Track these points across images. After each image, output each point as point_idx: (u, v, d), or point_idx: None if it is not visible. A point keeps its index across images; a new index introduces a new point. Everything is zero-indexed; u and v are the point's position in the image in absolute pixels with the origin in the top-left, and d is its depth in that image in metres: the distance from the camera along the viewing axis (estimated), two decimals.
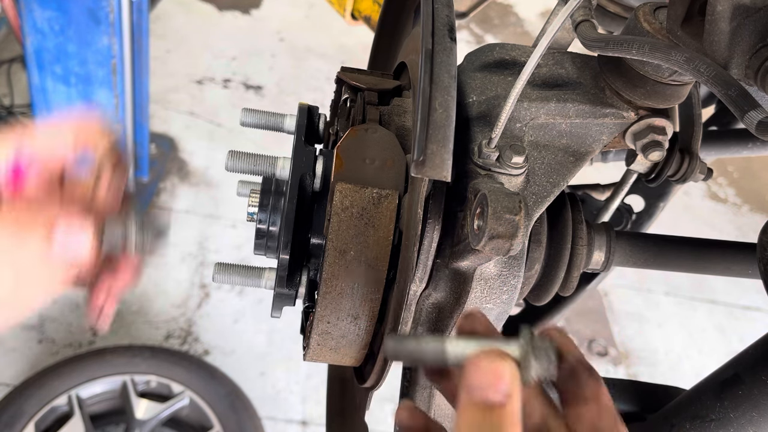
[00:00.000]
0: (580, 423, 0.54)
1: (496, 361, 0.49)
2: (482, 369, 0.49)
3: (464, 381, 0.50)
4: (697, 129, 0.89)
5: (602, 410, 0.54)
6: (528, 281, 0.84)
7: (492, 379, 0.49)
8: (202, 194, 3.63)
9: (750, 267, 0.94)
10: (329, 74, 4.53)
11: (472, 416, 0.48)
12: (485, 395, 0.48)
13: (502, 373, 0.49)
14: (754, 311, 3.90)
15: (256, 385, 2.90)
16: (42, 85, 2.75)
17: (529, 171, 0.74)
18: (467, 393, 0.49)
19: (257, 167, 0.81)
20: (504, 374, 0.49)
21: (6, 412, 2.40)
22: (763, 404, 0.72)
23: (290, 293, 0.77)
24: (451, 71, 0.64)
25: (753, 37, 0.62)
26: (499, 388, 0.48)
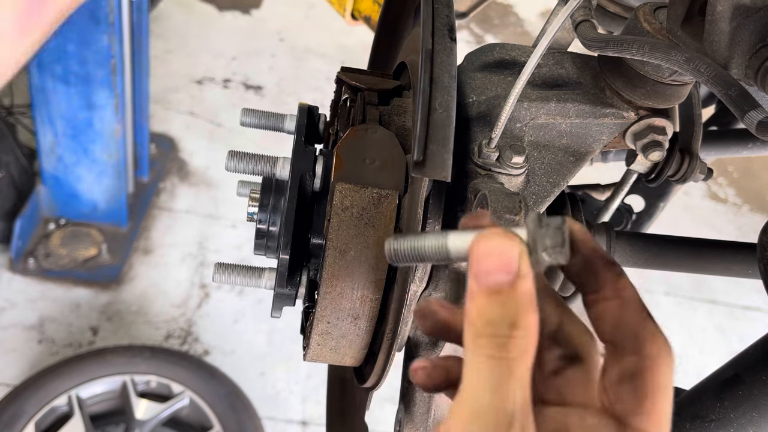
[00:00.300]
0: (602, 321, 0.49)
1: (502, 240, 0.44)
2: (487, 249, 0.44)
3: (470, 268, 0.45)
4: (697, 129, 0.89)
5: (626, 305, 0.48)
6: None
7: (499, 259, 0.44)
8: (202, 194, 3.63)
9: (750, 267, 0.94)
10: (329, 74, 4.53)
11: (482, 304, 0.44)
12: (493, 278, 0.43)
13: (509, 251, 0.44)
14: (754, 311, 3.90)
15: (256, 385, 2.91)
16: (42, 85, 2.75)
17: (529, 171, 0.74)
18: (474, 280, 0.44)
19: (257, 167, 0.81)
20: (511, 252, 0.44)
21: (6, 412, 2.40)
22: (763, 404, 0.72)
23: (290, 293, 0.77)
24: (451, 71, 0.64)
25: (753, 37, 0.62)
26: (508, 268, 0.43)
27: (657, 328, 0.48)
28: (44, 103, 2.82)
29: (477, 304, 0.44)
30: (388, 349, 0.71)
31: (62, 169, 3.07)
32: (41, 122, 2.89)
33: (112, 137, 2.97)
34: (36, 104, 2.83)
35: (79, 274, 3.11)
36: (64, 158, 3.03)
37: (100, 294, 3.08)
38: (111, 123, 2.91)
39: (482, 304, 0.44)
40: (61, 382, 2.51)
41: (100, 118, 2.89)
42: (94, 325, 2.97)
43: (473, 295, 0.45)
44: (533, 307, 0.44)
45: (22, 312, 2.94)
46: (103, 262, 3.18)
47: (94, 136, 2.96)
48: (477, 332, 0.43)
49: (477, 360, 0.43)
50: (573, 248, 0.48)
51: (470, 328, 0.44)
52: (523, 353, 0.43)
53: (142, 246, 3.31)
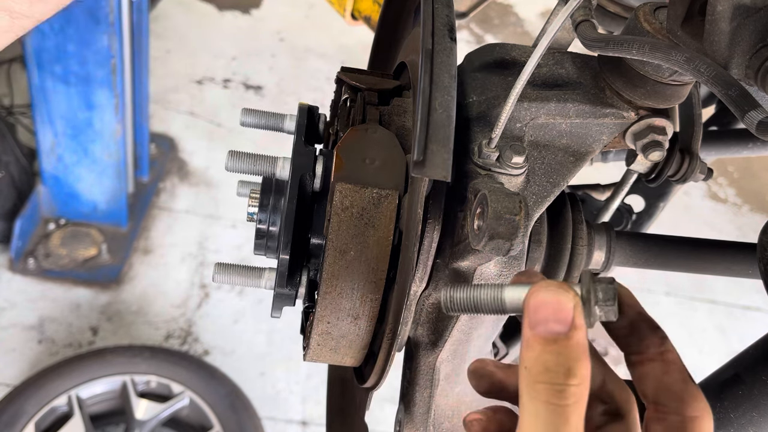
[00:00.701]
0: (646, 382, 0.51)
1: (558, 291, 0.47)
2: (543, 300, 0.47)
3: (526, 317, 0.47)
4: (697, 129, 0.89)
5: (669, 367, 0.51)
6: None
7: (554, 310, 0.46)
8: (202, 194, 3.63)
9: (750, 267, 0.94)
10: (329, 74, 4.53)
11: (538, 352, 0.46)
12: (549, 327, 0.46)
13: (566, 302, 0.46)
14: (754, 311, 3.90)
15: (256, 385, 2.91)
16: (42, 85, 2.75)
17: (529, 171, 0.74)
18: (530, 328, 0.47)
19: (257, 167, 0.81)
20: (567, 304, 0.46)
21: (6, 412, 2.40)
22: (763, 404, 0.72)
23: (290, 293, 0.77)
24: (451, 71, 0.64)
25: (753, 37, 0.62)
26: (563, 318, 0.46)
27: (698, 390, 0.51)
28: (44, 103, 2.82)
29: (533, 352, 0.46)
30: (388, 349, 0.71)
31: (62, 169, 3.07)
32: (41, 122, 2.89)
33: (112, 137, 2.97)
34: (36, 104, 2.83)
35: (79, 274, 3.11)
36: (64, 158, 3.03)
37: (100, 294, 3.08)
38: (111, 123, 2.91)
39: (538, 352, 0.46)
40: (61, 382, 2.51)
41: (100, 118, 2.89)
42: (94, 325, 2.97)
43: (529, 343, 0.47)
44: (587, 357, 0.46)
45: (22, 312, 2.94)
46: (103, 262, 3.18)
47: (94, 136, 2.96)
48: (534, 379, 0.46)
49: (534, 405, 0.45)
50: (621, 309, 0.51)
51: (527, 375, 0.46)
52: (578, 401, 0.45)
53: (142, 246, 3.31)
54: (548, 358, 0.46)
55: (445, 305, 0.53)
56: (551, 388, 0.45)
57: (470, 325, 0.73)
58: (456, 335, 0.74)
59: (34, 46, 2.63)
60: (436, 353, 0.75)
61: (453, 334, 0.73)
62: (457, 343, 0.75)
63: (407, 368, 0.80)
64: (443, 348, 0.75)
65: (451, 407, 0.78)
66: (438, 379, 0.76)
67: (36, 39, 2.60)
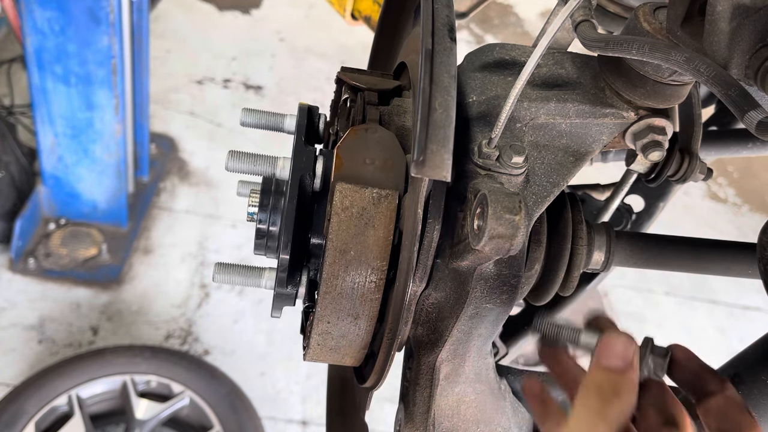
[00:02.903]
0: (709, 415, 0.64)
1: (626, 339, 0.63)
2: (614, 341, 0.63)
3: (597, 351, 0.64)
4: (697, 129, 0.89)
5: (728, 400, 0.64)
6: (528, 281, 0.84)
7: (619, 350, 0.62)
8: (202, 194, 3.63)
9: (750, 267, 0.94)
10: (329, 74, 4.54)
11: (599, 376, 0.62)
12: (612, 361, 0.62)
13: (630, 347, 0.63)
14: (754, 311, 3.90)
15: (256, 385, 2.91)
16: (42, 85, 2.75)
17: (529, 171, 0.74)
18: (598, 358, 0.63)
19: (257, 167, 0.81)
20: (631, 348, 0.63)
21: (6, 412, 2.40)
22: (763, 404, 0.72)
23: (290, 293, 0.77)
24: (451, 71, 0.64)
25: (753, 37, 0.62)
26: (624, 357, 0.62)
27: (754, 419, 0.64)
28: (44, 103, 2.82)
29: (594, 377, 0.63)
30: (388, 349, 0.71)
31: (62, 169, 3.07)
32: (41, 122, 2.89)
33: (112, 137, 2.97)
34: (36, 104, 2.83)
35: (80, 274, 3.11)
36: (64, 158, 3.03)
37: (100, 294, 3.08)
38: (111, 123, 2.91)
39: (600, 377, 0.62)
40: (62, 382, 2.51)
41: (100, 118, 2.89)
42: (95, 325, 2.97)
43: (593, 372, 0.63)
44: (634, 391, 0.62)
45: (22, 312, 2.94)
46: (103, 262, 3.18)
47: (95, 136, 2.96)
48: (589, 392, 0.62)
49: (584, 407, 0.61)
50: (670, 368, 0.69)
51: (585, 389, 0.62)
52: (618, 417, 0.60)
53: (142, 246, 3.31)
54: (605, 382, 0.61)
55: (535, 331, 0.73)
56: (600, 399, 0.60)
57: (470, 325, 0.73)
58: (456, 335, 0.74)
59: (35, 46, 2.63)
60: (436, 353, 0.75)
61: (453, 334, 0.73)
62: (457, 343, 0.75)
63: (407, 368, 0.80)
64: (443, 348, 0.75)
65: (451, 407, 0.78)
66: (438, 379, 0.76)
67: (36, 39, 2.60)
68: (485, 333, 0.75)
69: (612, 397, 0.60)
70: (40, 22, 2.55)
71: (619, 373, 0.62)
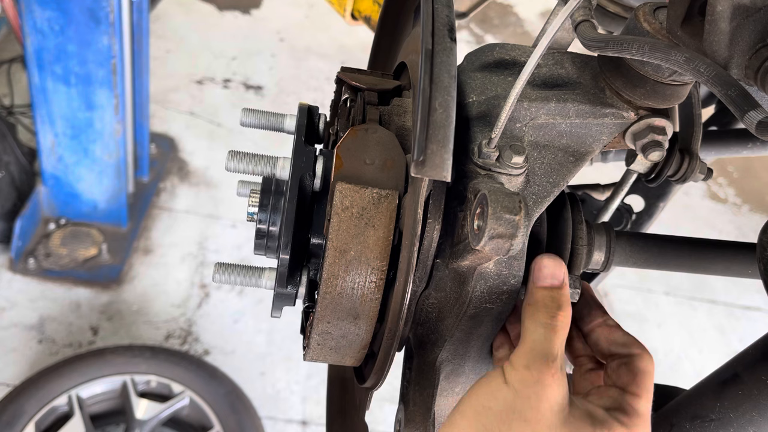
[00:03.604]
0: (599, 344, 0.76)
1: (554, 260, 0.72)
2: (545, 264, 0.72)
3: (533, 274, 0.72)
4: (697, 129, 0.89)
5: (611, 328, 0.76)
6: None
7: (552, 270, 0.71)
8: (202, 194, 3.63)
9: (750, 267, 0.94)
10: (329, 74, 4.54)
11: (539, 295, 0.70)
12: (548, 281, 0.71)
13: (558, 266, 0.72)
14: (754, 311, 3.90)
15: (256, 385, 2.91)
16: (42, 85, 2.75)
17: (529, 171, 0.74)
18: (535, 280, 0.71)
19: (257, 167, 0.81)
20: (561, 269, 0.72)
21: (6, 412, 2.40)
22: (763, 404, 0.72)
23: (290, 293, 0.77)
24: (451, 71, 0.64)
25: (753, 37, 0.62)
26: (558, 276, 0.71)
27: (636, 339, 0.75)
28: (44, 103, 2.82)
29: (537, 294, 0.70)
30: (388, 349, 0.71)
31: (62, 169, 3.07)
32: (41, 122, 2.89)
33: (112, 137, 2.97)
34: (36, 104, 2.83)
35: (80, 274, 3.11)
36: (64, 158, 3.03)
37: (100, 294, 3.08)
38: (111, 123, 2.91)
39: (540, 295, 0.70)
40: (62, 382, 2.51)
41: (100, 118, 2.89)
42: (95, 324, 2.97)
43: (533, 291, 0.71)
44: (569, 303, 0.71)
45: (22, 312, 2.94)
46: (103, 262, 3.18)
47: (95, 136, 2.96)
48: (535, 309, 0.69)
49: (534, 325, 0.68)
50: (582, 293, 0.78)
51: (530, 308, 0.70)
52: (563, 327, 0.68)
53: (142, 246, 3.31)
54: (546, 299, 0.70)
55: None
56: (547, 314, 0.68)
57: (470, 325, 0.73)
58: (456, 335, 0.74)
59: (35, 46, 2.63)
60: (436, 353, 0.75)
61: (453, 334, 0.73)
62: (457, 343, 0.75)
63: (407, 368, 0.80)
64: (443, 348, 0.75)
65: (451, 407, 0.78)
66: (438, 379, 0.76)
67: (36, 39, 2.60)
68: (485, 333, 0.75)
69: (556, 310, 0.69)
70: (40, 22, 2.55)
71: (556, 289, 0.70)
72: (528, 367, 0.66)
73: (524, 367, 0.66)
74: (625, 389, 0.71)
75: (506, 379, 0.66)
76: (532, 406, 0.64)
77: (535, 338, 0.67)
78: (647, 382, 0.71)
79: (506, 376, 0.67)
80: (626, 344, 0.74)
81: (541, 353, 0.66)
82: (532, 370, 0.65)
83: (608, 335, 0.76)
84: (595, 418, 0.67)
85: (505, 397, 0.66)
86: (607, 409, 0.69)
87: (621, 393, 0.71)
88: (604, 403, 0.70)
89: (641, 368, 0.72)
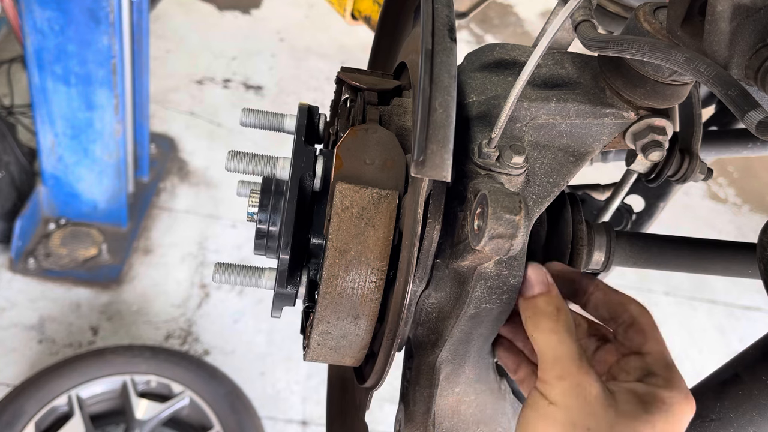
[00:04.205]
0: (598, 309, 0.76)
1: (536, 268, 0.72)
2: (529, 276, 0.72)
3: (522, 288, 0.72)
4: (697, 129, 0.89)
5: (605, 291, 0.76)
6: None
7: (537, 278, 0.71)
8: (202, 194, 3.63)
9: (750, 267, 0.94)
10: (329, 74, 4.54)
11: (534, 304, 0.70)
12: (537, 289, 0.71)
13: (541, 272, 0.72)
14: (754, 311, 3.90)
15: (256, 385, 2.91)
16: (42, 85, 2.75)
17: (529, 171, 0.74)
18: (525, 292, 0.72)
19: (257, 167, 0.81)
20: (542, 273, 0.72)
21: (6, 412, 2.40)
22: (763, 404, 0.72)
23: (290, 293, 0.77)
24: (451, 71, 0.64)
25: (753, 37, 0.62)
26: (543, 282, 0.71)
27: (631, 298, 0.76)
28: (44, 103, 2.82)
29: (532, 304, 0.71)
30: (388, 349, 0.71)
31: (62, 169, 3.07)
32: (41, 122, 2.89)
33: (112, 137, 2.97)
34: (36, 104, 2.83)
35: (80, 274, 3.11)
36: (64, 158, 3.03)
37: (100, 294, 3.08)
38: (111, 123, 2.91)
39: (535, 304, 0.71)
40: (62, 382, 2.51)
41: (100, 118, 2.89)
42: (95, 324, 2.97)
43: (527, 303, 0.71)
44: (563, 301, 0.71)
45: (22, 312, 2.94)
46: (103, 262, 3.18)
47: (95, 136, 2.96)
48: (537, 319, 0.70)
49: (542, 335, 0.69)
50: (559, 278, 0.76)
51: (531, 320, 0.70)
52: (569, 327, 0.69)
53: (142, 246, 3.31)
54: (542, 306, 0.70)
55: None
56: (549, 319, 0.69)
57: (470, 325, 0.73)
58: (456, 335, 0.74)
59: (35, 46, 2.63)
60: (436, 353, 0.75)
61: (453, 334, 0.73)
62: (457, 343, 0.75)
63: (407, 368, 0.80)
64: (443, 348, 0.75)
65: (451, 407, 0.78)
66: (438, 379, 0.76)
67: (36, 39, 2.60)
68: (485, 333, 0.75)
69: (556, 312, 0.69)
70: (40, 22, 2.55)
71: (547, 294, 0.71)
72: (562, 378, 0.66)
73: (558, 378, 0.66)
74: (641, 350, 0.71)
75: (549, 400, 0.66)
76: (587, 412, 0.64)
77: (551, 347, 0.68)
78: (657, 333, 0.72)
79: (547, 396, 0.66)
80: (622, 303, 0.75)
81: (566, 355, 0.67)
82: (566, 378, 0.65)
83: (604, 298, 0.76)
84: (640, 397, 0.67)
85: (556, 416, 0.65)
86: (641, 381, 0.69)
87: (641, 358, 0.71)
88: (635, 376, 0.70)
89: (645, 323, 0.73)
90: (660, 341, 0.72)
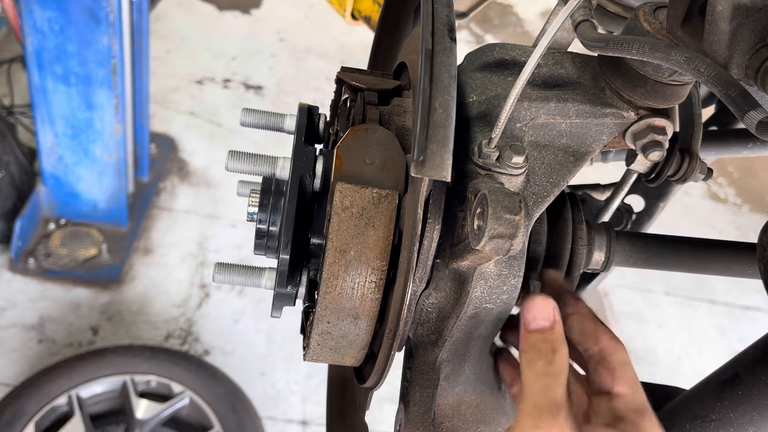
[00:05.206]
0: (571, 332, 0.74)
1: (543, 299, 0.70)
2: (534, 305, 0.69)
3: (523, 318, 0.70)
4: (697, 129, 0.89)
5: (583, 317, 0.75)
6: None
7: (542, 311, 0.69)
8: (202, 194, 3.63)
9: (750, 267, 0.94)
10: (329, 74, 4.54)
11: (533, 340, 0.68)
12: (539, 323, 0.69)
13: (548, 305, 0.69)
14: (754, 311, 3.90)
15: (256, 385, 2.91)
16: (42, 85, 2.75)
17: (529, 171, 0.74)
18: (526, 324, 0.69)
19: (257, 167, 0.81)
20: (549, 306, 0.69)
21: (6, 412, 2.40)
22: (763, 404, 0.72)
23: (290, 293, 0.77)
24: (451, 71, 0.64)
25: (753, 37, 0.62)
26: (547, 317, 0.69)
27: (606, 328, 0.74)
28: (44, 103, 2.82)
29: (530, 339, 0.69)
30: (388, 349, 0.71)
31: (62, 169, 3.07)
32: (41, 122, 2.89)
33: (112, 137, 2.97)
34: (36, 104, 2.83)
35: (80, 274, 3.11)
36: (64, 158, 3.03)
37: (100, 294, 3.08)
38: (111, 123, 2.91)
39: (533, 339, 0.68)
40: (61, 382, 2.51)
41: (100, 118, 2.89)
42: (94, 324, 2.97)
43: (526, 336, 0.69)
44: (565, 343, 0.68)
45: (22, 312, 2.94)
46: (103, 262, 3.18)
47: (94, 136, 2.96)
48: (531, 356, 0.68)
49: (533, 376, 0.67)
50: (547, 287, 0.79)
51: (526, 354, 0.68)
52: (562, 371, 0.67)
53: (142, 246, 3.31)
54: (539, 343, 0.68)
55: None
56: (544, 360, 0.67)
57: (470, 325, 0.73)
58: (456, 335, 0.74)
59: (35, 46, 2.63)
60: (436, 353, 0.75)
61: (453, 334, 0.73)
62: (457, 343, 0.75)
63: (407, 368, 0.80)
64: (443, 348, 0.75)
65: (451, 407, 0.78)
66: (438, 379, 0.76)
67: (36, 39, 2.60)
68: (485, 333, 0.75)
69: (552, 354, 0.67)
70: (40, 22, 2.55)
71: (549, 331, 0.69)
72: (537, 427, 0.65)
73: (533, 427, 0.65)
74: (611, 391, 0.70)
75: None
76: None
77: (537, 390, 0.66)
78: (628, 372, 0.71)
79: None
80: (595, 335, 0.73)
81: (546, 406, 0.65)
82: (541, 429, 0.65)
83: (578, 325, 0.75)
84: None
85: None
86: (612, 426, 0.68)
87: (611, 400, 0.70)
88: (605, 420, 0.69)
89: (616, 361, 0.71)
90: (630, 382, 0.70)
